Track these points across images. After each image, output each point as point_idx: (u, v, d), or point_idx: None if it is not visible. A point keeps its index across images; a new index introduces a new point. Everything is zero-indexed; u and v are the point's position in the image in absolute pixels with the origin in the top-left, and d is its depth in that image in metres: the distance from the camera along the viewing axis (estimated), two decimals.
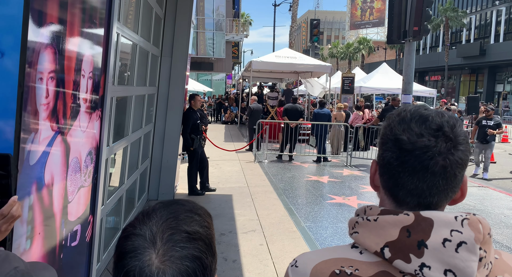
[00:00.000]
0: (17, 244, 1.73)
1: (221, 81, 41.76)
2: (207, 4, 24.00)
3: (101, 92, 2.86)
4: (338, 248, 0.88)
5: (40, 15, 1.81)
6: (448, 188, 0.80)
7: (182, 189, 7.06)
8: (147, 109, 5.49)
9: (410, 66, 9.29)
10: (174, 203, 0.78)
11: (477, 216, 0.77)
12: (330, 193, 7.27)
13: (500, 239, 5.27)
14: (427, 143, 0.78)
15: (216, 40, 24.28)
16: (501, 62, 35.99)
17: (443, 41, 43.76)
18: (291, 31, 32.61)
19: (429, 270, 0.73)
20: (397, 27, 8.55)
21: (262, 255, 4.45)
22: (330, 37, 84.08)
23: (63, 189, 2.24)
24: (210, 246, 0.73)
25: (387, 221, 0.79)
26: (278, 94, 15.69)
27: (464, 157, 0.80)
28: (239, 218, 5.64)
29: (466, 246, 0.73)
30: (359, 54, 49.17)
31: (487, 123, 9.59)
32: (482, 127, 9.60)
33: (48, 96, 1.93)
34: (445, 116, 0.81)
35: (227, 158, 10.18)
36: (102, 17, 2.78)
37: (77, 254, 2.64)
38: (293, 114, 10.57)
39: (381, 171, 0.86)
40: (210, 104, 25.19)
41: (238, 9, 31.29)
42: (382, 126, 0.88)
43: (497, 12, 39.84)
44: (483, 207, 6.80)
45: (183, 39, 6.14)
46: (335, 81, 18.06)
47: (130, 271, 0.67)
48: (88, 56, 2.50)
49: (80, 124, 2.46)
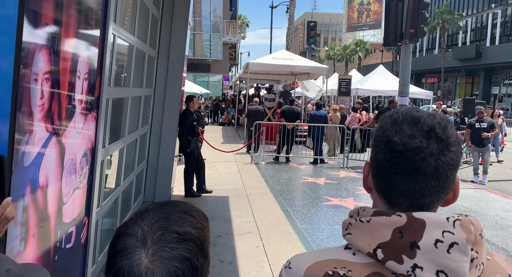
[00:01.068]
0: (11, 246, 1.72)
1: (218, 82, 41.76)
2: (204, 6, 24.02)
3: (97, 94, 2.86)
4: (331, 250, 0.88)
5: (35, 16, 1.80)
6: (440, 189, 0.81)
7: (178, 191, 7.04)
8: (143, 110, 5.48)
9: (406, 68, 9.33)
10: (168, 204, 0.79)
11: (469, 217, 0.77)
12: (326, 195, 7.27)
13: (495, 241, 5.28)
14: (419, 144, 0.79)
15: (213, 41, 24.30)
16: (497, 65, 36.18)
17: (439, 43, 43.94)
18: (288, 33, 32.70)
19: (422, 271, 0.74)
20: (393, 30, 8.59)
21: (259, 257, 4.44)
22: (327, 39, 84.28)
23: (58, 190, 2.23)
24: (202, 248, 0.73)
25: (379, 222, 0.79)
26: (275, 96, 15.71)
27: (456, 158, 0.81)
28: (235, 220, 5.64)
29: (458, 247, 0.73)
30: (356, 56, 49.32)
31: (480, 125, 9.25)
32: (476, 131, 9.26)
33: (43, 97, 1.93)
34: (437, 117, 0.82)
35: (223, 159, 10.18)
36: (98, 18, 2.78)
37: (72, 256, 2.63)
38: (290, 116, 10.58)
39: (374, 173, 0.86)
40: (207, 105, 25.18)
41: (235, 11, 31.34)
42: (375, 128, 0.89)
43: (493, 14, 40.08)
44: (478, 209, 6.82)
45: (180, 41, 6.14)
46: (332, 83, 18.10)
47: (120, 270, 0.68)
48: (83, 57, 2.50)
49: (76, 126, 2.45)
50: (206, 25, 24.38)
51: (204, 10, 24.14)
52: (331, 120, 11.69)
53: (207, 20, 24.37)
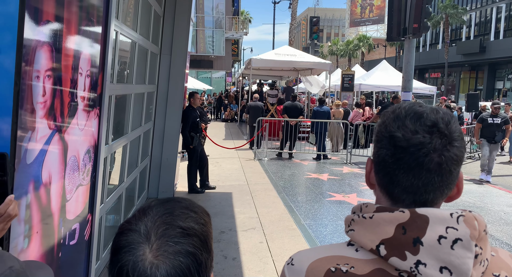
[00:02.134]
0: (15, 243, 1.73)
1: (221, 79, 41.72)
2: (206, 2, 23.95)
3: (99, 90, 2.85)
4: (334, 246, 0.87)
5: (37, 13, 1.80)
6: (443, 185, 0.80)
7: (182, 187, 7.06)
8: (146, 107, 5.48)
9: (410, 63, 9.28)
10: (170, 200, 0.79)
11: (472, 213, 0.77)
12: (330, 191, 7.27)
13: (500, 236, 5.27)
14: (422, 139, 0.78)
15: (216, 38, 24.24)
16: (501, 59, 35.94)
17: (443, 38, 43.67)
18: (291, 29, 32.55)
19: (425, 267, 0.73)
20: (396, 24, 8.54)
21: (262, 253, 4.45)
22: (330, 34, 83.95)
23: (61, 187, 2.23)
24: (206, 243, 0.73)
25: (382, 219, 0.79)
26: (278, 92, 15.68)
27: (460, 154, 0.80)
28: (239, 216, 5.65)
29: (462, 243, 0.73)
30: (359, 51, 49.13)
31: (493, 121, 8.69)
32: (489, 126, 8.70)
33: (45, 94, 1.93)
34: (440, 112, 0.81)
35: (227, 156, 10.18)
36: (100, 15, 2.77)
37: (76, 252, 2.64)
38: (292, 112, 10.57)
39: (377, 169, 0.85)
40: (210, 102, 25.17)
41: (237, 7, 31.22)
42: (377, 123, 0.88)
43: (497, 9, 39.76)
44: (483, 204, 6.80)
45: (182, 37, 6.12)
46: (335, 78, 18.04)
47: (124, 266, 0.67)
48: (85, 54, 2.50)
49: (78, 122, 2.45)
50: (208, 21, 24.33)
51: (206, 6, 24.08)
52: (334, 116, 11.67)
53: (210, 16, 24.31)
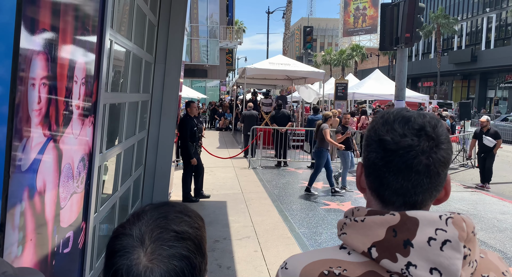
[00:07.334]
0: (9, 251, 1.72)
1: (215, 88, 41.82)
2: (201, 12, 24.12)
3: (94, 99, 2.86)
4: (327, 250, 0.89)
5: (33, 22, 1.82)
6: (432, 187, 0.82)
7: (176, 196, 7.03)
8: (140, 115, 5.48)
9: (402, 72, 9.38)
10: (164, 204, 0.79)
11: (461, 215, 0.79)
12: (324, 199, 7.27)
13: (493, 243, 5.29)
14: (410, 142, 0.80)
15: (210, 47, 24.37)
16: (492, 68, 36.39)
17: (435, 47, 44.17)
18: (285, 38, 32.81)
19: (415, 268, 0.75)
20: (389, 34, 8.65)
21: (257, 261, 4.44)
22: (324, 44, 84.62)
23: (55, 195, 2.23)
24: (200, 247, 0.74)
25: (373, 222, 0.81)
26: (272, 101, 15.74)
27: (447, 156, 0.82)
28: (233, 225, 5.63)
29: (451, 244, 0.75)
30: (352, 60, 49.52)
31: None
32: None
33: (40, 102, 1.93)
34: (427, 117, 0.84)
35: (221, 164, 10.17)
36: (95, 24, 2.79)
37: (70, 261, 2.62)
38: (280, 120, 10.60)
39: (367, 173, 0.87)
40: (204, 111, 25.19)
41: (231, 17, 31.43)
42: (366, 129, 0.90)
43: (487, 19, 40.38)
44: (476, 211, 6.84)
45: (176, 46, 6.15)
46: (328, 87, 18.16)
47: (119, 270, 0.68)
48: (80, 63, 2.51)
49: (73, 131, 2.45)
50: (203, 31, 24.48)
51: (201, 15, 24.25)
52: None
53: (204, 25, 24.46)
